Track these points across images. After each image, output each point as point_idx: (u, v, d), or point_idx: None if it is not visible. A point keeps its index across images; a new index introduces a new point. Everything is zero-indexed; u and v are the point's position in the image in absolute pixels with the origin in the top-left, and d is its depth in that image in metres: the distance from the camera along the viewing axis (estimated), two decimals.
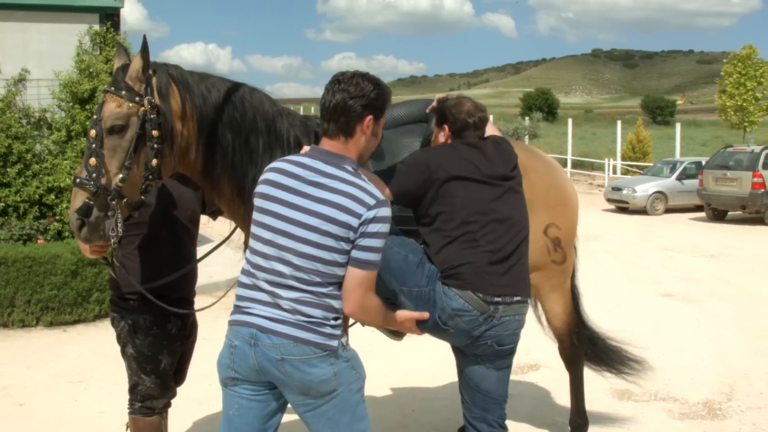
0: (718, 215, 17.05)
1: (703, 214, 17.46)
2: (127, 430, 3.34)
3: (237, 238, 3.34)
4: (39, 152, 8.84)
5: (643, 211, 18.42)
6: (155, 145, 2.67)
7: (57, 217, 8.30)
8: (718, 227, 15.80)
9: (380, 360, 5.72)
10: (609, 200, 19.64)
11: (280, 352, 2.23)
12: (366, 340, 4.96)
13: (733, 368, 5.80)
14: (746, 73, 27.96)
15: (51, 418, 4.73)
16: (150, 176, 2.70)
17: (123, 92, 2.64)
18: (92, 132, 2.62)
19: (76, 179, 2.60)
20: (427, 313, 2.72)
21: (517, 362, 3.53)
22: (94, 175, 2.58)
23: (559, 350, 4.04)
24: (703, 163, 18.27)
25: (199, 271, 3.48)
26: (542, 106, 67.88)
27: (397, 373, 5.59)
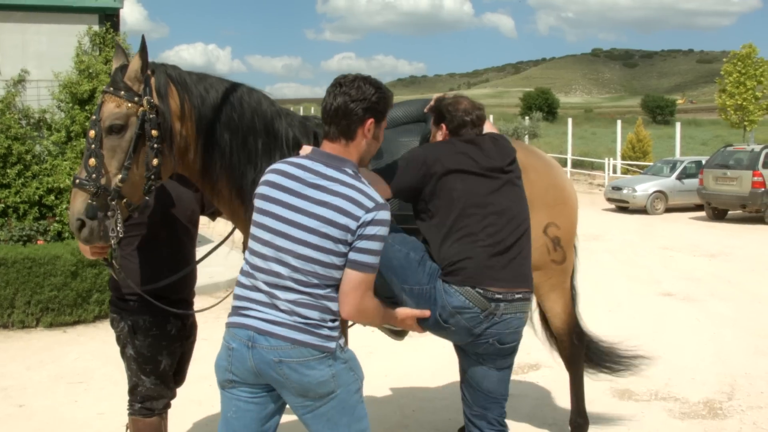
0: (718, 214, 17.04)
1: (703, 214, 17.45)
2: (126, 431, 3.33)
3: (237, 238, 3.34)
4: (39, 153, 8.84)
5: (643, 211, 18.41)
6: (155, 144, 2.67)
7: (57, 218, 8.30)
8: (718, 226, 15.79)
9: (380, 360, 5.72)
10: (609, 200, 19.63)
11: (277, 354, 2.23)
12: (366, 340, 4.96)
13: (734, 367, 5.79)
14: (746, 73, 27.93)
15: (51, 419, 4.73)
16: (152, 176, 2.69)
17: (122, 92, 2.63)
18: (91, 132, 2.61)
19: (76, 180, 2.59)
20: (427, 311, 2.71)
21: (518, 362, 3.53)
22: (94, 175, 2.57)
23: (559, 350, 4.05)
24: (703, 162, 18.25)
25: (199, 272, 3.48)
26: (542, 105, 67.82)
27: (398, 374, 5.59)
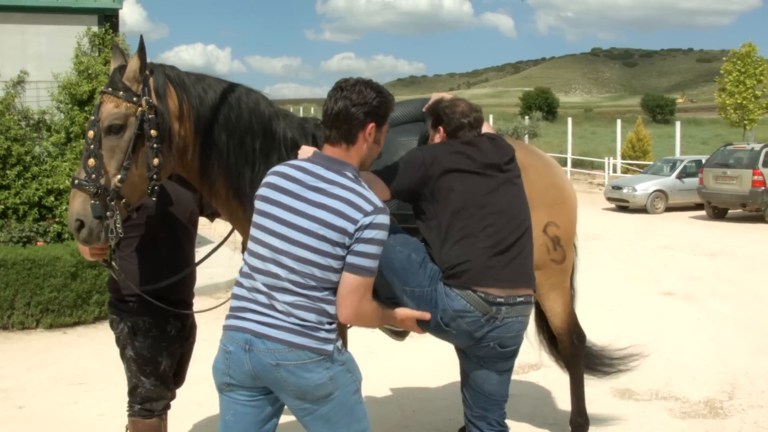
0: (718, 213, 17.04)
1: (703, 213, 17.45)
2: None
3: (238, 239, 3.33)
4: (38, 154, 8.84)
5: (643, 210, 18.40)
6: (154, 144, 2.67)
7: (56, 219, 8.29)
8: (718, 225, 15.79)
9: (381, 361, 5.72)
10: (609, 199, 19.62)
11: (275, 357, 2.22)
12: (366, 341, 4.97)
13: (735, 366, 5.79)
14: (746, 71, 27.89)
15: (51, 420, 4.72)
16: (154, 176, 2.69)
17: (120, 93, 2.63)
18: (90, 133, 2.61)
19: (75, 180, 2.59)
20: (427, 314, 2.70)
21: (518, 362, 3.52)
22: (93, 176, 2.57)
23: (559, 350, 4.04)
24: (703, 161, 18.25)
25: (199, 273, 3.48)
26: (542, 105, 67.86)
27: (398, 374, 5.58)
